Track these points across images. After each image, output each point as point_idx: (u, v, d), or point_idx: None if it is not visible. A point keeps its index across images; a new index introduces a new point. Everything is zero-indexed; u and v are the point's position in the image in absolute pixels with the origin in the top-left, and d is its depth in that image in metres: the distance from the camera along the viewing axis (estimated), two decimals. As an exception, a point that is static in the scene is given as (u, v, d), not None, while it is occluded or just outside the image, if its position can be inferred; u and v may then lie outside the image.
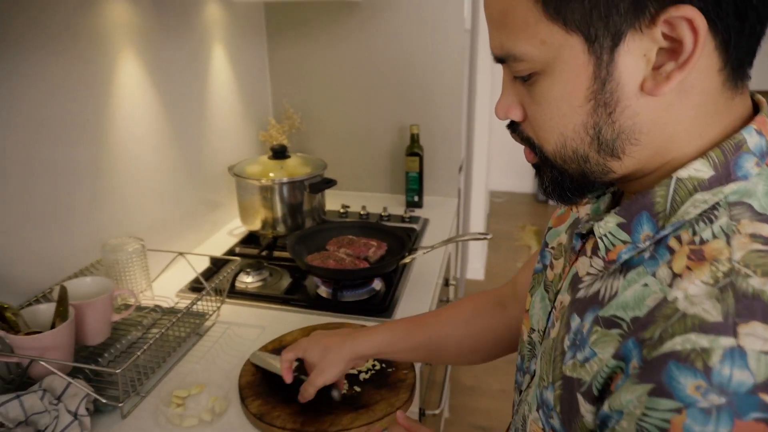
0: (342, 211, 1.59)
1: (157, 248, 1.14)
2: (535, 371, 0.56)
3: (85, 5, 1.00)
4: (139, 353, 0.80)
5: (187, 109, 1.34)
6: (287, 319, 1.08)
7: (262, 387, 0.85)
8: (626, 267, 0.44)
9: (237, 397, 0.84)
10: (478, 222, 2.96)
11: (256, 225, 1.40)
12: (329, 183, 1.40)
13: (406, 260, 1.15)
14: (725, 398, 0.32)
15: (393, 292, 1.15)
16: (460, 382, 2.26)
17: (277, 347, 0.95)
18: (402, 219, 1.55)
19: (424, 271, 1.27)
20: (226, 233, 1.51)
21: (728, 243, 0.37)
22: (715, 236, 0.38)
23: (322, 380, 0.75)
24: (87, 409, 0.77)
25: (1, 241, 0.86)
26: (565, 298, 0.52)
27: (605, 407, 0.39)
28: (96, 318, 0.90)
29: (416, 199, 1.68)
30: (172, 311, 1.06)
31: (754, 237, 0.37)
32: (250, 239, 1.44)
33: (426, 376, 1.25)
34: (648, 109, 0.41)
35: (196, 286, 1.16)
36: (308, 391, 0.77)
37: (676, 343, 0.34)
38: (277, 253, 1.34)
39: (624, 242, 0.44)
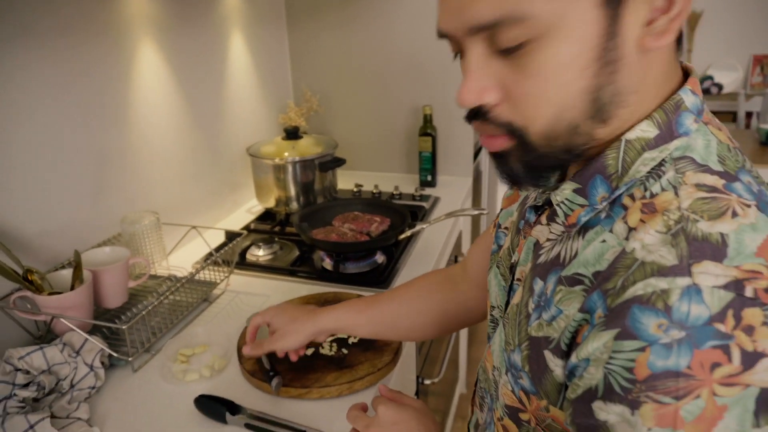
0: (355, 189, 1.65)
1: (171, 222, 1.23)
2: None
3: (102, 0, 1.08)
4: (143, 312, 0.88)
5: (207, 94, 1.42)
6: (292, 289, 1.15)
7: (259, 348, 0.92)
8: (584, 228, 0.46)
9: (236, 357, 0.92)
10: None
11: (270, 202, 1.47)
12: (338, 162, 1.46)
13: (405, 234, 1.20)
14: (685, 332, 0.34)
15: (393, 265, 1.20)
16: (478, 360, 2.30)
17: (277, 313, 1.02)
18: (413, 197, 1.60)
19: (427, 246, 1.31)
20: (245, 211, 1.59)
21: (676, 194, 0.40)
22: (663, 189, 0.41)
23: (280, 345, 0.79)
24: (102, 363, 0.87)
25: (33, 215, 0.96)
26: (525, 267, 0.54)
27: (573, 358, 0.41)
28: (113, 283, 0.99)
29: (429, 178, 1.71)
30: (188, 279, 1.15)
31: (699, 186, 0.40)
32: (265, 216, 1.51)
33: (427, 348, 1.30)
34: (642, 68, 0.42)
35: (214, 260, 1.24)
36: (261, 348, 0.80)
37: (638, 289, 0.37)
38: (288, 229, 1.42)
39: (581, 206, 0.46)
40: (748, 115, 3.76)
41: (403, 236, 1.20)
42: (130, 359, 0.87)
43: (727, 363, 0.33)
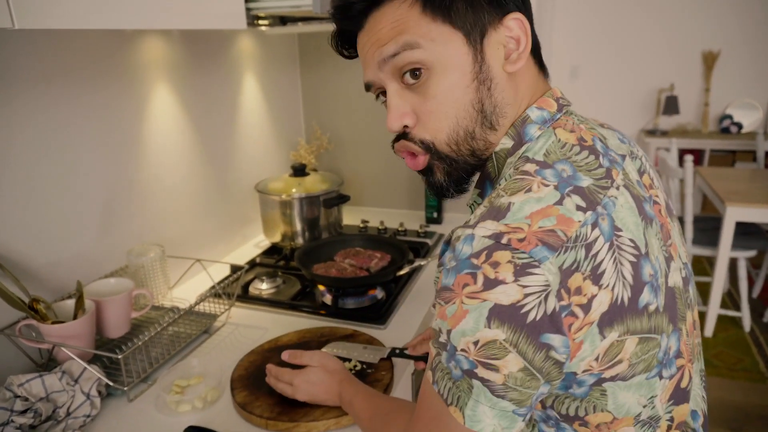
0: (361, 225, 1.67)
1: (179, 255, 1.27)
2: None
3: (123, 43, 1.15)
4: (140, 342, 0.91)
5: (219, 132, 1.48)
6: (291, 323, 1.17)
7: (252, 380, 0.94)
8: None
9: (228, 389, 0.93)
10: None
11: (276, 237, 1.51)
12: (343, 199, 1.49)
13: (404, 271, 1.21)
14: (455, 262, 0.50)
15: (392, 301, 1.21)
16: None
17: (272, 346, 1.04)
18: (417, 234, 1.62)
19: (427, 282, 1.32)
20: (252, 245, 1.63)
21: (506, 179, 0.55)
22: (506, 179, 0.56)
23: (291, 392, 0.86)
24: (99, 392, 0.89)
25: (44, 246, 1.01)
26: None
27: None
28: (116, 313, 1.02)
29: (435, 215, 1.74)
30: (189, 309, 1.18)
31: (519, 172, 0.55)
32: (271, 251, 1.55)
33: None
34: (509, 87, 0.60)
35: (215, 292, 1.27)
36: (276, 384, 0.88)
37: (453, 233, 0.53)
38: (292, 263, 1.44)
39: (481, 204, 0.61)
40: (768, 154, 3.70)
41: (401, 272, 1.22)
42: (125, 389, 0.90)
43: (473, 284, 0.48)
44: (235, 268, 1.30)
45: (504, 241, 0.48)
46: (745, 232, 2.72)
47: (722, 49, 3.94)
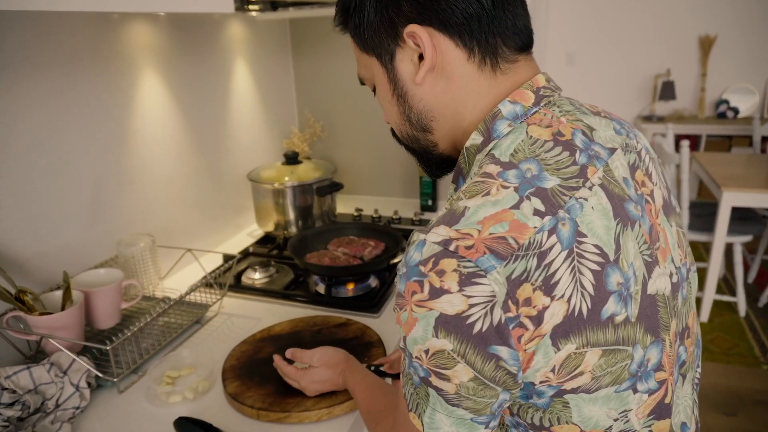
0: (355, 214, 1.66)
1: (171, 245, 1.25)
2: None
3: (109, 30, 1.13)
4: (128, 333, 0.90)
5: (209, 120, 1.46)
6: (284, 313, 1.15)
7: (243, 371, 0.93)
8: None
9: (220, 379, 0.92)
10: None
11: (269, 226, 1.50)
12: (336, 186, 1.48)
13: (397, 259, 1.20)
14: (405, 268, 0.49)
15: (385, 290, 1.20)
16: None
17: (265, 336, 1.03)
18: (412, 221, 1.60)
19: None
20: (246, 235, 1.62)
21: (469, 181, 0.53)
22: (470, 179, 0.54)
23: (301, 386, 0.85)
24: (88, 383, 0.88)
25: (31, 236, 0.99)
26: None
27: None
28: (105, 304, 1.01)
29: (430, 203, 1.72)
30: (180, 299, 1.17)
31: (481, 174, 0.52)
32: (265, 240, 1.53)
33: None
34: (427, 94, 0.60)
35: (207, 282, 1.26)
36: (287, 373, 0.87)
37: (410, 237, 0.51)
38: (286, 252, 1.43)
39: None
40: (765, 139, 3.70)
41: (395, 260, 1.21)
42: (115, 380, 0.89)
43: (420, 292, 0.47)
44: (227, 258, 1.29)
45: (452, 248, 0.47)
46: (741, 217, 2.72)
47: (719, 33, 3.91)
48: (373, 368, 0.90)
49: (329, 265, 1.18)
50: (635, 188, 0.55)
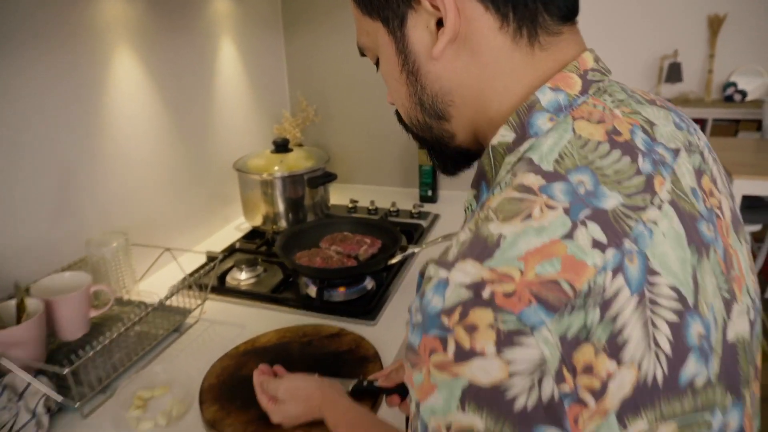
0: (350, 206, 1.55)
1: (146, 243, 1.14)
2: None
3: (75, 4, 1.00)
4: (90, 353, 0.80)
5: (193, 104, 1.34)
6: (271, 319, 1.05)
7: (224, 392, 0.83)
8: None
9: (197, 402, 0.83)
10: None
11: (257, 220, 1.39)
12: (329, 177, 1.37)
13: (395, 259, 1.10)
14: (421, 317, 0.37)
15: (382, 294, 1.10)
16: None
17: (249, 348, 0.93)
18: (411, 214, 1.50)
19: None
20: (233, 228, 1.51)
21: (500, 194, 0.40)
22: (500, 190, 0.41)
23: (277, 419, 0.75)
24: (48, 408, 0.78)
25: (-19, 237, 0.88)
26: None
27: None
28: (71, 313, 0.91)
29: (430, 193, 1.61)
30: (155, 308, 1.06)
31: (517, 187, 0.39)
32: (253, 234, 1.43)
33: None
34: (447, 72, 0.47)
35: (187, 284, 1.16)
36: (264, 404, 0.76)
37: (426, 271, 0.40)
38: (275, 249, 1.32)
39: (473, 211, 0.47)
40: (774, 123, 3.58)
41: (393, 261, 1.10)
42: (75, 405, 0.79)
43: (442, 352, 0.36)
44: (210, 257, 1.18)
45: (485, 294, 0.34)
46: (749, 206, 2.62)
47: (729, 12, 3.76)
48: (366, 383, 0.81)
49: (321, 267, 1.08)
50: (704, 201, 0.44)
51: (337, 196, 1.65)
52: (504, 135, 0.45)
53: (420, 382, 0.37)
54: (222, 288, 1.15)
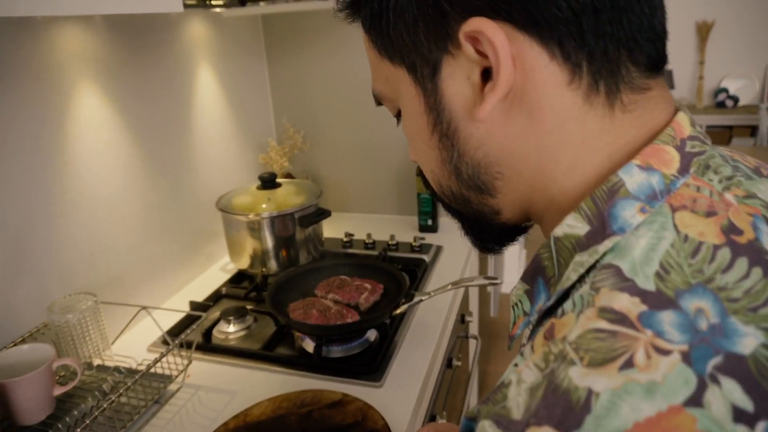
0: (346, 239, 1.44)
1: (120, 301, 1.02)
2: None
3: (30, 37, 0.89)
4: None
5: (167, 138, 1.22)
6: (264, 382, 0.93)
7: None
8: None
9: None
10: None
11: (244, 263, 1.27)
12: (322, 215, 1.25)
13: (401, 309, 0.99)
14: None
15: (387, 346, 0.98)
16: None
17: (240, 425, 0.81)
18: (411, 247, 1.39)
19: (429, 312, 1.10)
20: (218, 269, 1.39)
21: (577, 317, 0.30)
22: (573, 308, 0.31)
23: None
24: None
25: None
26: None
27: None
28: (30, 396, 0.78)
29: (430, 222, 1.51)
30: (135, 372, 0.94)
31: (603, 311, 0.28)
32: (241, 277, 1.31)
33: None
34: (494, 137, 0.36)
35: (169, 350, 1.03)
36: None
37: (478, 428, 0.29)
38: (265, 294, 1.21)
39: (526, 313, 0.38)
40: (769, 129, 3.54)
41: (398, 311, 0.99)
42: None
43: None
44: (193, 317, 1.05)
45: None
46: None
47: (716, 18, 3.74)
48: None
49: (318, 325, 0.96)
50: None
51: (331, 228, 1.53)
52: (573, 226, 0.34)
53: None
54: (208, 345, 1.03)
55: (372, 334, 1.02)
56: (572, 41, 0.32)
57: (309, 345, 1.00)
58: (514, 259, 2.83)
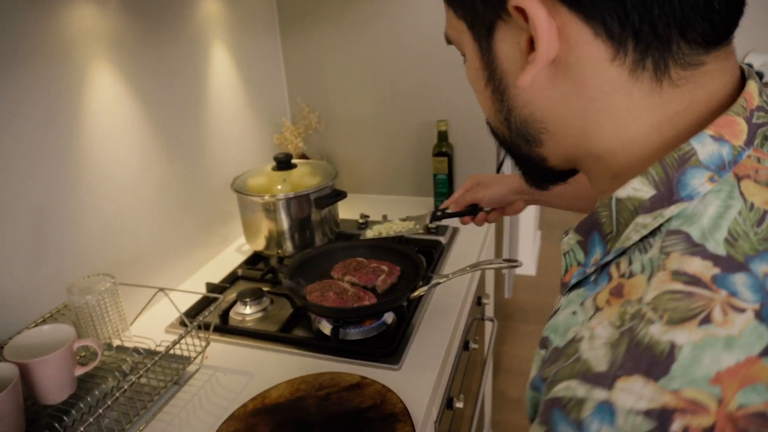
0: (361, 221, 1.43)
1: (136, 282, 1.02)
2: None
3: (43, 16, 0.87)
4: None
5: (182, 118, 1.21)
6: (282, 364, 0.94)
7: (231, 465, 0.71)
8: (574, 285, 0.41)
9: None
10: (528, 219, 2.72)
11: (260, 244, 1.26)
12: (338, 196, 1.24)
13: (418, 292, 0.98)
14: None
15: (405, 328, 0.98)
16: (505, 395, 2.08)
17: (258, 407, 0.82)
18: (428, 229, 1.37)
19: (446, 294, 1.09)
20: (234, 250, 1.39)
21: (648, 280, 0.32)
22: (643, 270, 0.33)
23: (482, 194, 0.89)
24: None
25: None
26: None
27: None
28: (52, 376, 0.79)
29: (446, 203, 1.49)
30: (153, 353, 0.94)
31: (676, 275, 0.31)
32: (256, 258, 1.31)
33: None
34: (539, 100, 0.38)
35: (187, 332, 1.04)
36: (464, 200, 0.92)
37: (560, 389, 0.31)
38: (282, 275, 1.20)
39: (579, 263, 0.40)
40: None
41: (416, 294, 0.98)
42: (58, 496, 0.67)
43: None
44: (210, 298, 1.05)
45: (676, 429, 0.26)
46: None
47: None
48: (440, 213, 0.99)
49: (336, 307, 0.96)
50: None
51: (347, 209, 1.52)
52: (638, 189, 0.35)
53: None
54: (225, 327, 1.03)
55: (389, 317, 1.02)
56: (616, 20, 0.32)
57: (326, 327, 1.00)
58: (528, 241, 2.81)
